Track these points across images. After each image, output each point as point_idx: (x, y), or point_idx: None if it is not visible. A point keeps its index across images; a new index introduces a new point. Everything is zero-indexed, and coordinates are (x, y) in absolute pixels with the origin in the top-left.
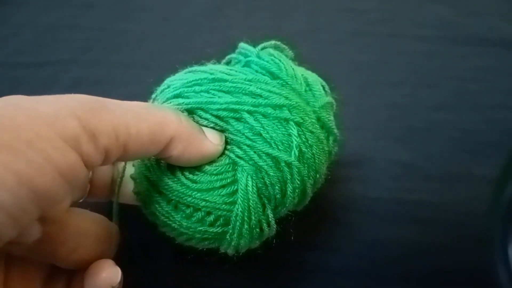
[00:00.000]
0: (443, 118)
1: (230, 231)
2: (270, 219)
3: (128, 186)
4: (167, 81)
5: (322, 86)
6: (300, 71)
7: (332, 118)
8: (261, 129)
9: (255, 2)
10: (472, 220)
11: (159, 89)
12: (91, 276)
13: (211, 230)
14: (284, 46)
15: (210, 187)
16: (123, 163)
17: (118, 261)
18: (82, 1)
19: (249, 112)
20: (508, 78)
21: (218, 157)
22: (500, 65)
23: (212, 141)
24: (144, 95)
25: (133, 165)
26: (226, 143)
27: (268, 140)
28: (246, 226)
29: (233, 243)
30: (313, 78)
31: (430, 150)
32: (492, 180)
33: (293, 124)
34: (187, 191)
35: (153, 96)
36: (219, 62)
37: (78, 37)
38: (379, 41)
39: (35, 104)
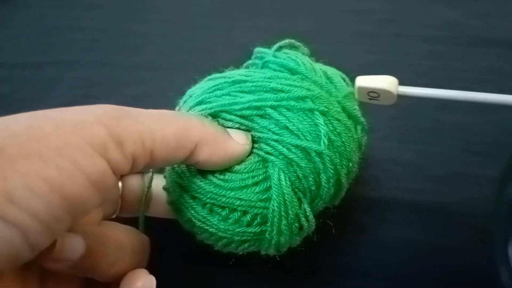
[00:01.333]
0: (447, 118)
1: (269, 229)
2: (308, 213)
3: (160, 199)
4: (188, 91)
5: (342, 78)
6: (318, 65)
7: (357, 107)
8: (287, 122)
9: (259, 3)
10: (476, 220)
11: (182, 100)
12: (127, 286)
13: (249, 230)
14: (299, 43)
15: (243, 185)
16: (150, 174)
17: None
18: (85, 2)
19: (272, 107)
20: None
21: (246, 157)
22: (504, 65)
23: (238, 141)
24: (147, 96)
25: (164, 177)
26: (253, 141)
27: (295, 132)
28: (284, 222)
29: (273, 242)
30: (332, 71)
31: (433, 151)
32: (495, 181)
33: (318, 113)
34: (221, 191)
35: (176, 108)
36: (237, 68)
37: (81, 37)
38: (384, 41)
39: (62, 114)
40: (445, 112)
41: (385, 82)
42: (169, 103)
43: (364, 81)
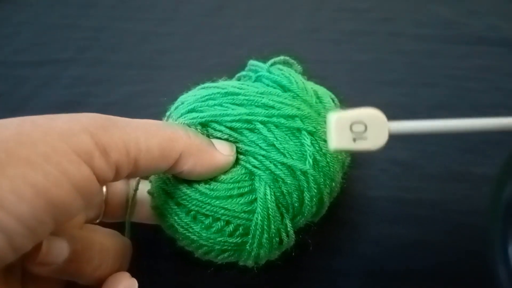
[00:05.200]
0: (443, 117)
1: (250, 241)
2: (288, 229)
3: (144, 204)
4: (181, 98)
5: (332, 98)
6: (310, 84)
7: None
8: (275, 140)
9: (255, 2)
10: (472, 219)
11: (173, 106)
12: None
13: (230, 240)
14: (293, 61)
15: (228, 194)
16: (137, 179)
17: None
18: (82, 0)
19: (262, 122)
20: (508, 77)
21: (232, 168)
22: (500, 64)
23: (222, 152)
24: (143, 95)
25: (150, 181)
26: (241, 153)
27: (282, 150)
28: (265, 235)
29: (253, 254)
30: (322, 91)
31: (430, 149)
32: (492, 179)
33: (305, 133)
34: (206, 199)
35: (167, 113)
36: (230, 78)
37: (78, 36)
38: (380, 40)
39: (50, 121)
40: (442, 111)
41: (371, 110)
42: (166, 102)
43: (343, 113)
